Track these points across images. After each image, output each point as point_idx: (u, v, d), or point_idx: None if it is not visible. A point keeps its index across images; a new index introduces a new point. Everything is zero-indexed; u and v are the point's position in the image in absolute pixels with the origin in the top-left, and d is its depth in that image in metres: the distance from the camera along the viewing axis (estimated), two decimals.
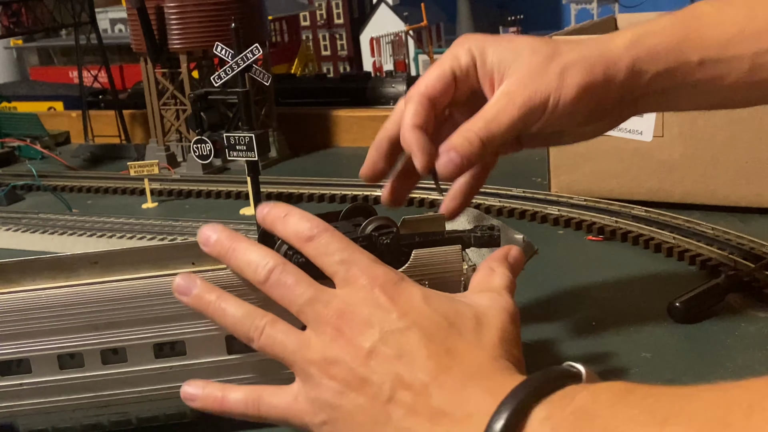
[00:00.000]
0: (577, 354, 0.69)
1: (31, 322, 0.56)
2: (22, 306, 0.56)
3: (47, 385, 0.57)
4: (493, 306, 0.53)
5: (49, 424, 0.59)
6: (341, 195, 1.20)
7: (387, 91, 1.79)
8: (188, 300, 0.56)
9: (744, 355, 0.67)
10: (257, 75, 1.04)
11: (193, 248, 0.59)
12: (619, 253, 0.92)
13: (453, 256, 0.58)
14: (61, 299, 0.56)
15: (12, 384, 0.57)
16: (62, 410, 0.58)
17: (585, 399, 0.41)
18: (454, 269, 0.58)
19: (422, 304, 0.52)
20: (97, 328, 0.57)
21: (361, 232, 0.58)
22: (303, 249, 0.55)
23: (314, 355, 0.51)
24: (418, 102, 0.62)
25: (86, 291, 0.56)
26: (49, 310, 0.56)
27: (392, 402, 0.48)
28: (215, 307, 0.55)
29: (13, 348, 0.57)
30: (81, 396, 0.58)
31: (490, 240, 0.60)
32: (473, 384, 0.47)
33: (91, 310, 0.56)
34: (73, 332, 0.57)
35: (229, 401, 0.55)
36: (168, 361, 0.58)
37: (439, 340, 0.50)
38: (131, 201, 1.31)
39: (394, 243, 0.58)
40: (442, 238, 0.59)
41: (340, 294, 0.53)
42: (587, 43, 0.63)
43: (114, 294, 0.56)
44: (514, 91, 0.61)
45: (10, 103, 2.12)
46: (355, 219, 0.60)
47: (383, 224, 0.58)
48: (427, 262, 0.57)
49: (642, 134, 1.00)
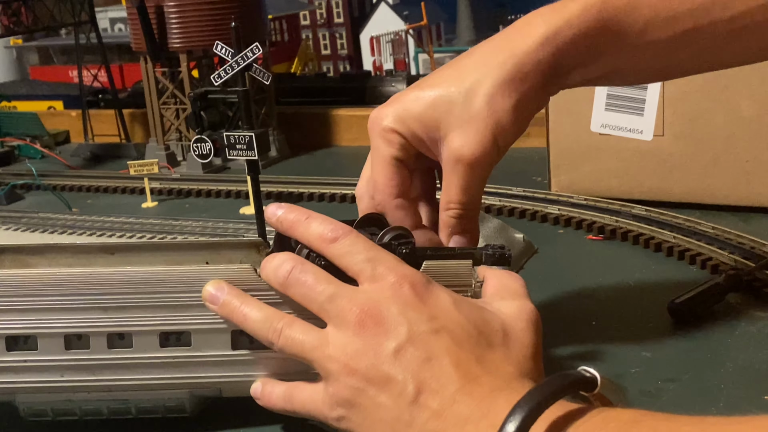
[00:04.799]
0: (577, 354, 0.69)
1: (42, 298, 0.57)
2: (34, 282, 0.57)
3: (51, 364, 0.58)
4: (520, 317, 0.53)
5: (49, 407, 0.59)
6: (341, 194, 1.20)
7: (387, 90, 1.79)
8: (217, 308, 0.56)
9: (744, 355, 0.67)
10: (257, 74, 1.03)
11: (208, 247, 0.59)
12: (619, 253, 0.92)
13: (463, 270, 0.58)
14: (73, 278, 0.57)
15: (17, 359, 0.58)
16: (64, 390, 0.58)
17: (594, 427, 0.42)
18: (463, 283, 0.58)
19: (452, 309, 0.51)
20: (106, 310, 0.57)
21: (379, 241, 0.57)
22: (326, 251, 0.54)
23: (334, 351, 0.51)
24: (395, 207, 0.61)
25: (98, 272, 0.57)
26: (60, 288, 0.57)
27: (416, 404, 0.48)
28: (239, 313, 0.55)
29: (21, 323, 0.57)
30: (84, 378, 0.58)
31: (501, 259, 0.60)
32: (500, 395, 0.47)
33: (102, 292, 0.57)
34: (82, 312, 0.57)
35: (272, 398, 0.56)
36: (172, 351, 0.58)
37: (468, 348, 0.49)
38: (131, 200, 1.31)
39: (413, 253, 0.57)
40: (455, 253, 0.60)
41: (366, 290, 0.52)
42: (496, 49, 0.60)
43: (126, 278, 0.57)
44: (459, 152, 0.59)
45: (10, 103, 2.12)
46: (370, 229, 0.60)
47: (401, 234, 0.58)
48: (436, 273, 0.56)
49: (642, 134, 1.00)
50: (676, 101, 0.98)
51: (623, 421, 0.42)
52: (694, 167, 0.99)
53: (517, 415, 0.41)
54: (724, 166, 0.97)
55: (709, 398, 0.61)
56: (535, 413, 0.41)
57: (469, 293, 0.57)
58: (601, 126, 1.03)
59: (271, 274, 0.55)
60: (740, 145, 0.96)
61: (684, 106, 0.98)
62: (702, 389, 0.62)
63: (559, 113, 1.07)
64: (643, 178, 1.03)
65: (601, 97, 1.02)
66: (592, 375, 0.45)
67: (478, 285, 0.58)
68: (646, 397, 0.62)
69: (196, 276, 0.57)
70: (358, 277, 0.53)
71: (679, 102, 0.98)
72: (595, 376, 0.45)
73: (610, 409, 0.44)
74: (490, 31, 4.87)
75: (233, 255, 0.60)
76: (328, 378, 0.52)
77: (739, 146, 0.96)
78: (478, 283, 0.58)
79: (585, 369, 0.46)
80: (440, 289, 0.53)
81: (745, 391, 0.61)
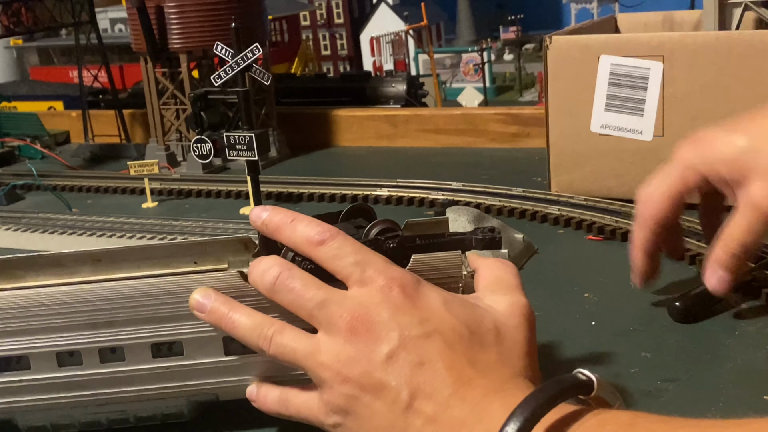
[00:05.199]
0: (577, 354, 0.69)
1: (31, 319, 0.56)
2: (23, 303, 0.56)
3: (46, 383, 0.57)
4: (513, 313, 0.53)
5: (48, 421, 0.59)
6: (341, 194, 1.20)
7: (387, 90, 1.79)
8: (205, 316, 0.55)
9: (744, 355, 0.67)
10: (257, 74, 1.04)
11: (195, 247, 0.59)
12: (619, 253, 0.92)
13: (452, 262, 0.57)
14: (60, 297, 0.56)
15: (11, 380, 0.57)
16: (60, 407, 0.58)
17: (590, 430, 0.42)
18: (453, 275, 0.57)
19: (443, 310, 0.51)
20: (96, 326, 0.57)
21: (365, 236, 0.57)
22: (313, 254, 0.53)
23: (326, 359, 0.50)
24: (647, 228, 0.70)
25: (86, 290, 0.57)
26: (48, 308, 0.56)
27: (411, 410, 0.48)
28: (227, 320, 0.55)
29: (13, 345, 0.57)
30: (79, 394, 0.58)
31: (492, 242, 0.59)
32: (495, 399, 0.47)
33: (90, 309, 0.56)
34: (72, 330, 0.57)
35: (267, 401, 0.56)
36: (165, 361, 0.58)
37: (461, 350, 0.49)
38: (131, 200, 1.31)
39: (400, 246, 0.57)
40: (444, 240, 0.59)
41: (356, 295, 0.51)
42: None
43: (113, 293, 0.56)
44: (759, 201, 0.62)
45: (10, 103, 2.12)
46: (356, 220, 0.60)
47: (388, 227, 0.57)
48: (425, 267, 0.56)
49: (642, 134, 1.00)
50: (676, 101, 0.98)
51: (619, 423, 0.41)
52: None
53: (513, 423, 0.41)
54: None
55: (708, 398, 0.61)
56: (531, 422, 0.41)
57: (460, 284, 0.57)
58: (601, 126, 1.03)
59: (258, 280, 0.54)
60: None
61: (684, 106, 0.98)
62: (701, 389, 0.62)
63: (559, 113, 1.07)
64: (643, 178, 1.02)
65: (601, 97, 1.02)
66: (589, 378, 0.45)
67: (469, 276, 0.57)
68: (645, 397, 0.62)
69: (183, 285, 0.56)
70: (347, 281, 0.52)
71: (679, 102, 0.98)
72: (591, 379, 0.45)
73: (606, 411, 0.44)
74: (490, 31, 4.87)
75: (221, 254, 0.59)
76: (322, 385, 0.51)
77: None
78: (469, 273, 0.57)
79: (581, 372, 0.46)
80: (430, 288, 0.52)
81: (744, 392, 0.61)
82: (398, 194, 1.16)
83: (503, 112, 1.46)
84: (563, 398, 0.43)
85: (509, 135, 1.45)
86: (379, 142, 1.53)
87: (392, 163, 1.42)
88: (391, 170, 1.33)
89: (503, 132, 1.45)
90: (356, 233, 0.57)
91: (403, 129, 1.52)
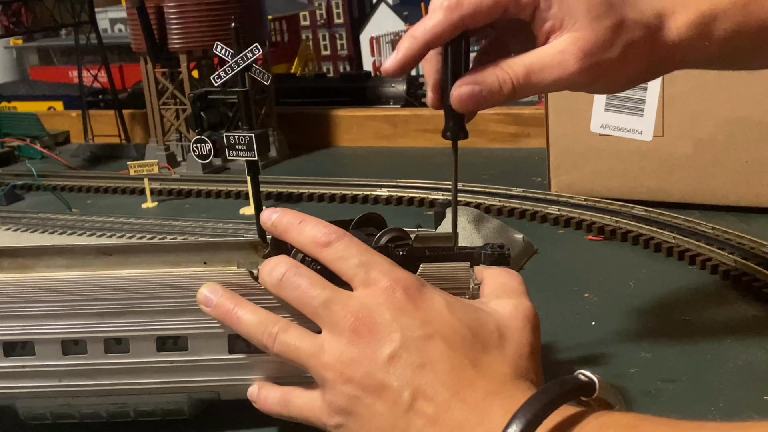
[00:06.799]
0: (577, 354, 0.69)
1: (38, 304, 0.57)
2: (31, 288, 0.57)
3: (49, 369, 0.58)
4: (516, 316, 0.53)
5: (48, 410, 0.59)
6: (341, 195, 1.20)
7: (387, 90, 1.79)
8: (211, 311, 0.56)
9: (744, 355, 0.67)
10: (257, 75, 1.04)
11: (206, 247, 0.59)
12: (619, 253, 0.92)
13: (461, 272, 0.58)
14: (69, 284, 0.57)
15: (15, 365, 0.58)
16: (62, 396, 0.58)
17: None
18: (461, 286, 0.57)
19: (446, 312, 0.51)
20: (103, 316, 0.57)
21: (375, 243, 0.57)
22: (319, 255, 0.54)
23: (329, 359, 0.51)
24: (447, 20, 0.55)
25: (94, 278, 0.57)
26: (55, 294, 0.57)
27: (412, 411, 0.48)
28: (232, 315, 0.55)
29: (19, 329, 0.57)
30: (81, 383, 0.58)
31: (501, 258, 0.60)
32: (495, 400, 0.47)
33: (98, 298, 0.57)
34: (79, 318, 0.57)
35: (268, 402, 0.56)
36: (169, 355, 0.58)
37: (462, 352, 0.49)
38: (131, 201, 1.31)
39: (410, 255, 0.57)
40: (453, 253, 0.59)
41: (359, 296, 0.52)
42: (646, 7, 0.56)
43: (122, 283, 0.57)
44: (570, 53, 0.54)
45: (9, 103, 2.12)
46: (367, 229, 0.60)
47: (398, 236, 0.58)
48: (433, 276, 0.56)
49: (642, 134, 1.00)
50: (676, 101, 0.98)
51: (621, 426, 0.41)
52: (694, 167, 0.99)
53: (515, 426, 0.41)
54: (724, 167, 0.97)
55: (708, 399, 0.61)
56: (533, 425, 0.41)
57: (467, 295, 0.57)
58: (601, 126, 1.03)
59: (266, 276, 0.55)
60: (740, 146, 0.96)
61: (684, 106, 0.98)
62: (702, 390, 0.62)
63: (559, 114, 1.07)
64: (643, 178, 1.03)
65: (601, 97, 1.02)
66: (591, 379, 0.45)
67: (476, 287, 0.58)
68: (645, 397, 0.62)
69: (192, 280, 0.57)
70: (351, 282, 0.53)
71: (679, 102, 0.98)
72: (593, 381, 0.45)
73: (608, 413, 0.44)
74: None
75: (231, 255, 0.60)
76: (324, 386, 0.51)
77: (739, 146, 0.96)
78: (476, 284, 0.58)
79: (583, 373, 0.46)
80: (434, 291, 0.53)
81: (744, 392, 0.61)
82: (398, 194, 1.16)
83: (503, 112, 1.46)
84: (565, 400, 0.43)
85: (509, 135, 1.45)
86: (379, 142, 1.53)
87: (392, 163, 1.42)
88: (391, 170, 1.33)
89: (503, 132, 1.45)
90: (367, 240, 0.57)
91: (403, 129, 1.52)
